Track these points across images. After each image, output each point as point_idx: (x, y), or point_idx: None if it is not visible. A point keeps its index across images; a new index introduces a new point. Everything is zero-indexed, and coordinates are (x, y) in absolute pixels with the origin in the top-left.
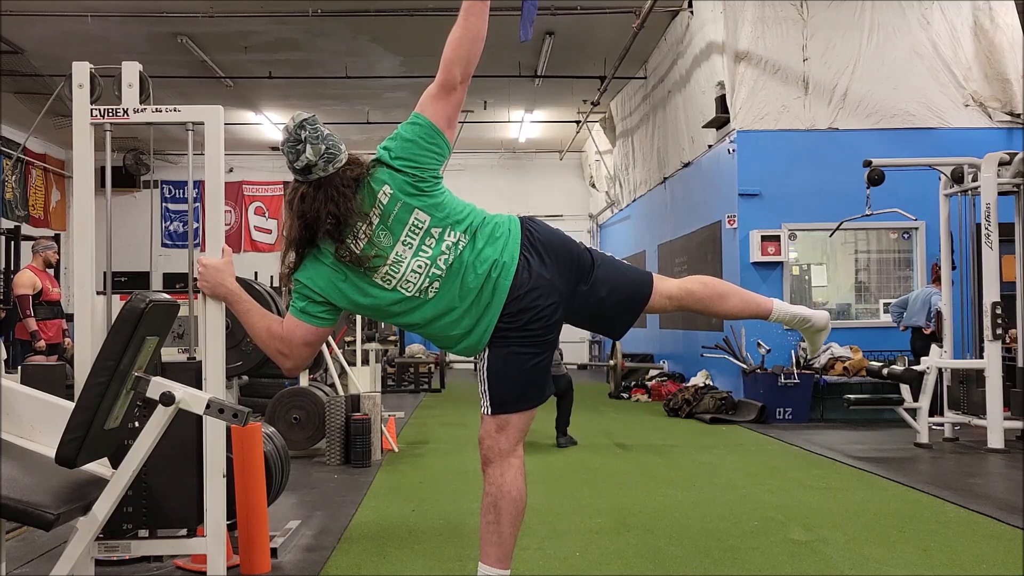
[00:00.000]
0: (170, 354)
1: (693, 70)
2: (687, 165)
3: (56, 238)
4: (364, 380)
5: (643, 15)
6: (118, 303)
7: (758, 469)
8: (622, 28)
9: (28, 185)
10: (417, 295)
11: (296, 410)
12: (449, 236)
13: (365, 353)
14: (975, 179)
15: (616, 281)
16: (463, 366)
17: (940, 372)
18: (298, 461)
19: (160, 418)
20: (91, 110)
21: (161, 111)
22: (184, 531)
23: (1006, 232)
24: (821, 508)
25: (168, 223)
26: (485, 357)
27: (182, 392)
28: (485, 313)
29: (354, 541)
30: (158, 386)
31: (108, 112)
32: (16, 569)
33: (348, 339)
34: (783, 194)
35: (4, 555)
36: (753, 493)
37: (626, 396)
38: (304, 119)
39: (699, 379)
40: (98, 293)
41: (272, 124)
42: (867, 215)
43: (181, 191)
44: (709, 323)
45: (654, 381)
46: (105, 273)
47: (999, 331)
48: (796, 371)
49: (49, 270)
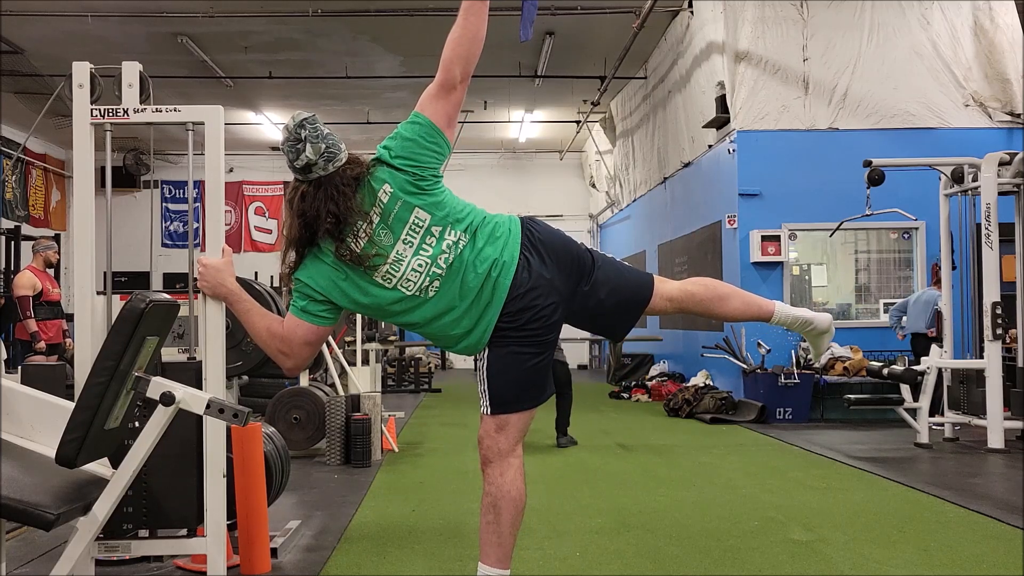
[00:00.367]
0: (170, 354)
1: (693, 70)
2: (687, 165)
3: (56, 238)
4: (364, 380)
5: (643, 15)
6: (118, 303)
7: (758, 469)
8: (622, 28)
9: (28, 185)
10: (417, 294)
11: (296, 410)
12: (449, 235)
13: (365, 353)
14: (975, 179)
15: (616, 282)
16: (463, 366)
17: (940, 372)
18: (298, 461)
19: (160, 418)
20: (91, 110)
21: (161, 111)
22: (184, 531)
23: (1006, 232)
24: (821, 508)
25: (168, 223)
26: (485, 357)
27: (182, 392)
28: (485, 312)
29: (354, 541)
30: (158, 386)
31: (108, 112)
32: (16, 569)
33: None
34: (783, 194)
35: (4, 555)
36: (753, 493)
37: (626, 396)
38: (304, 118)
39: (699, 379)
40: (98, 293)
41: (272, 124)
42: (867, 215)
43: (181, 191)
44: (709, 323)
45: (654, 381)
46: (105, 273)
47: (999, 331)
48: (796, 371)
49: (49, 270)
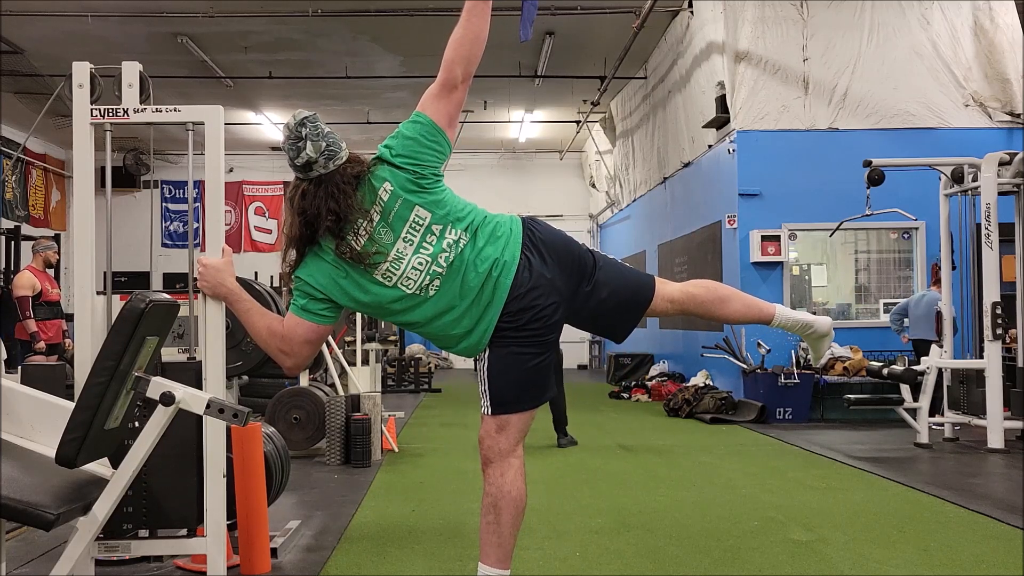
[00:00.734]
0: (170, 354)
1: (693, 70)
2: (687, 165)
3: (56, 238)
4: (364, 380)
5: (643, 15)
6: (118, 303)
7: (758, 469)
8: (622, 28)
9: (28, 185)
10: (418, 292)
11: (296, 410)
12: (450, 234)
13: (365, 353)
14: (975, 179)
15: (618, 283)
16: (463, 366)
17: (940, 372)
18: (298, 461)
19: (160, 418)
20: (91, 110)
21: (161, 111)
22: (184, 531)
23: (1006, 232)
24: (821, 508)
25: (168, 223)
26: (485, 357)
27: (182, 392)
28: (486, 312)
29: (354, 541)
30: (158, 386)
31: (108, 112)
32: (16, 569)
33: (348, 339)
34: (783, 194)
35: (4, 555)
36: (753, 493)
37: (626, 396)
38: (305, 117)
39: (699, 379)
40: (98, 293)
41: (272, 124)
42: (867, 215)
43: (181, 191)
44: (709, 323)
45: (654, 381)
46: (105, 273)
47: (999, 331)
48: (796, 371)
49: (49, 270)
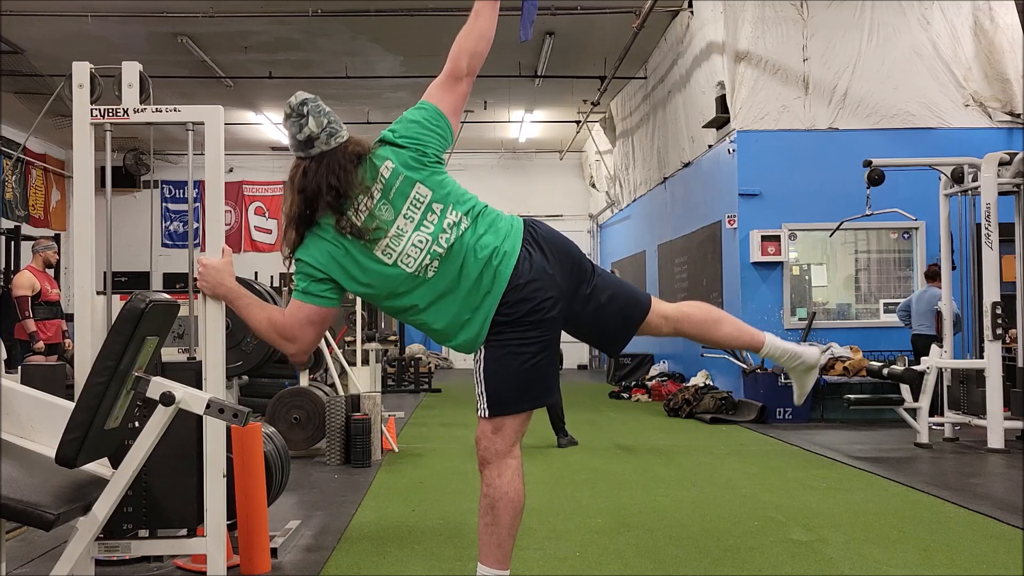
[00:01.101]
0: (170, 354)
1: (693, 70)
2: (687, 165)
3: (56, 238)
4: (364, 380)
5: (643, 15)
6: (118, 303)
7: (758, 469)
8: (622, 28)
9: (28, 185)
10: (417, 273)
11: (296, 410)
12: (451, 214)
13: (365, 353)
14: (975, 179)
15: (616, 290)
16: (463, 366)
17: (940, 372)
18: (298, 461)
19: (160, 418)
20: (91, 110)
21: (161, 111)
22: (184, 531)
23: (1006, 232)
24: (821, 508)
25: (168, 223)
26: (481, 357)
27: (182, 392)
28: (484, 302)
29: (354, 541)
30: (158, 386)
31: (108, 112)
32: (16, 569)
33: (348, 339)
34: (783, 194)
35: (4, 555)
36: (753, 493)
37: (626, 396)
38: (306, 97)
39: (699, 379)
40: (98, 293)
41: (272, 124)
42: (867, 215)
43: (181, 191)
44: None
45: (654, 381)
46: (105, 273)
47: (999, 331)
48: None
49: (49, 270)
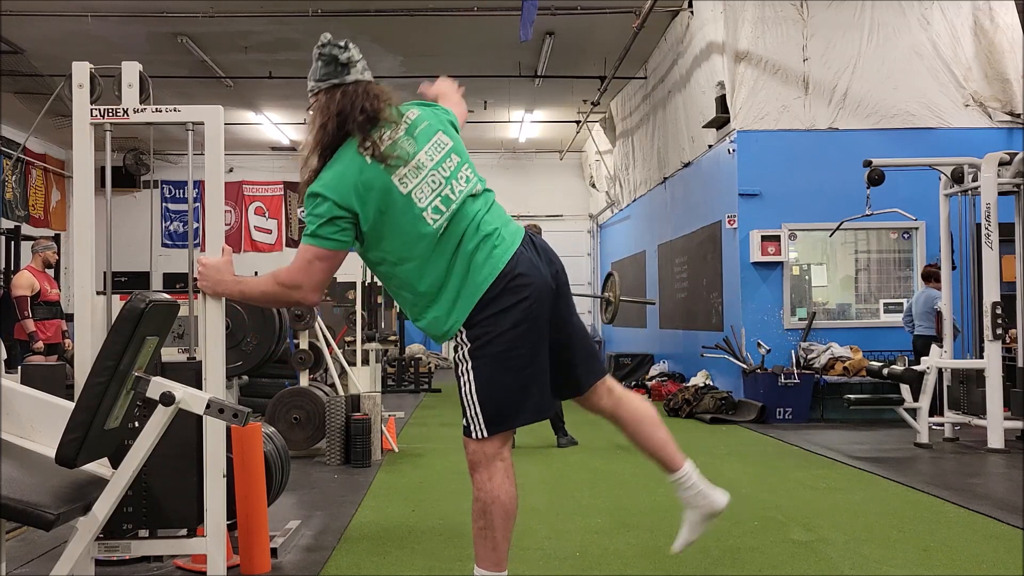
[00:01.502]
0: (170, 354)
1: (693, 70)
2: (687, 165)
3: (56, 238)
4: (364, 380)
5: (643, 15)
6: (118, 303)
7: (758, 469)
8: (622, 28)
9: (28, 185)
10: (424, 216)
11: (296, 410)
12: (466, 170)
13: (365, 353)
14: (975, 179)
15: (586, 334)
16: None
17: (940, 372)
18: (298, 461)
19: (160, 418)
20: (91, 110)
21: (161, 111)
22: (184, 531)
23: (1006, 232)
24: (821, 508)
25: (168, 223)
26: (468, 371)
27: (182, 392)
28: (471, 279)
29: (354, 541)
30: (158, 386)
31: (108, 112)
32: (16, 569)
33: (348, 339)
34: (783, 194)
35: (4, 555)
36: (753, 493)
37: None
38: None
39: (699, 379)
40: (98, 293)
41: (272, 124)
42: (867, 215)
43: (181, 191)
44: (709, 323)
45: (654, 381)
46: (105, 273)
47: (999, 331)
48: (796, 371)
49: (48, 271)
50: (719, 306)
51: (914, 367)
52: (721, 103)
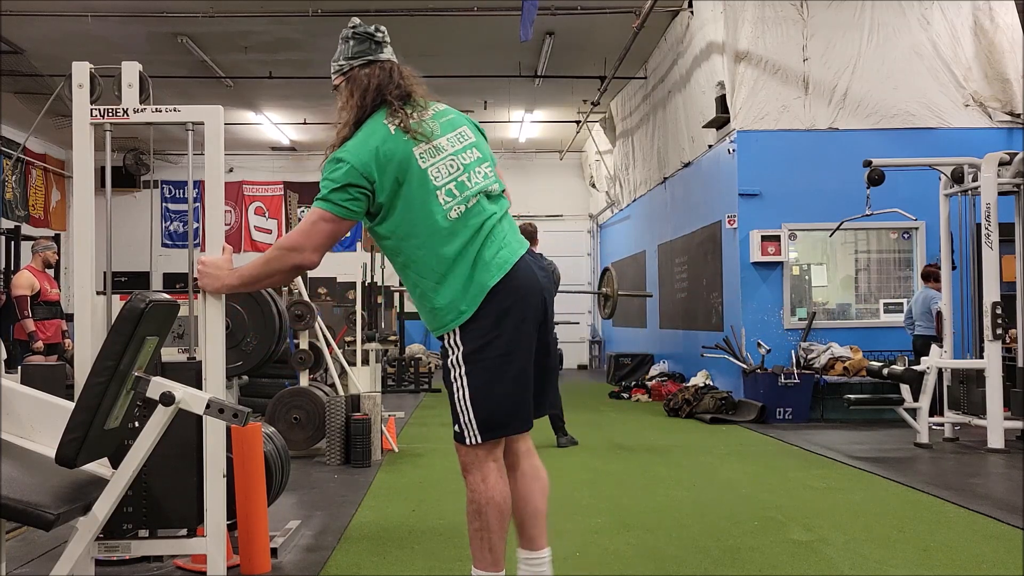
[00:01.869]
0: (170, 354)
1: (693, 70)
2: (687, 165)
3: (56, 238)
4: (364, 380)
5: (643, 15)
6: (118, 303)
7: (758, 469)
8: (622, 28)
9: (28, 185)
10: (436, 195)
11: (296, 410)
12: (485, 166)
13: (365, 353)
14: (975, 179)
15: (556, 355)
16: None
17: (940, 372)
18: (298, 461)
19: (160, 418)
20: (91, 110)
21: (161, 111)
22: (184, 531)
23: (1006, 232)
24: (821, 508)
25: (168, 223)
26: (462, 376)
27: (182, 392)
28: (476, 277)
29: (354, 541)
30: (158, 386)
31: (108, 112)
32: (16, 569)
33: (348, 339)
34: (783, 194)
35: (4, 555)
36: (753, 493)
37: (626, 396)
38: None
39: (699, 379)
40: (98, 293)
41: (272, 124)
42: (867, 215)
43: (181, 191)
44: (709, 323)
45: (654, 381)
46: (105, 273)
47: (999, 331)
48: (796, 371)
49: (48, 270)
50: (719, 306)
51: (914, 367)
52: (721, 103)
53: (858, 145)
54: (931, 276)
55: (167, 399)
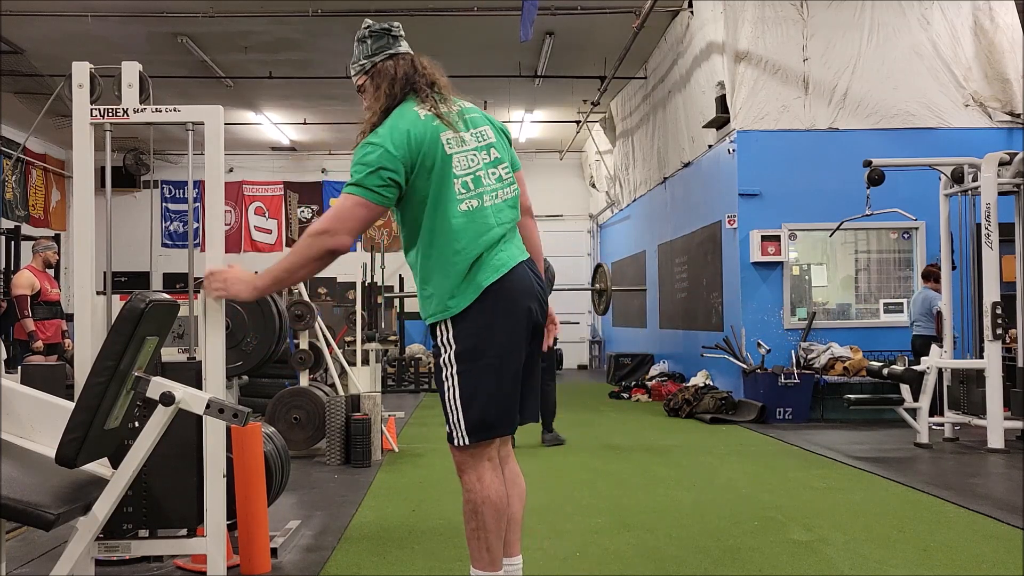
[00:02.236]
0: (170, 354)
1: (693, 70)
2: (687, 165)
3: (56, 238)
4: (364, 380)
5: (643, 15)
6: (118, 303)
7: (758, 469)
8: (622, 28)
9: (28, 185)
10: (454, 184)
11: (296, 410)
12: (502, 168)
13: (365, 353)
14: (975, 179)
15: (541, 368)
16: None
17: (940, 372)
18: (298, 461)
19: (160, 418)
20: (91, 110)
21: (161, 111)
22: (184, 531)
23: (1006, 232)
24: (821, 508)
25: (168, 223)
26: (453, 375)
27: (182, 392)
28: (476, 276)
29: (354, 541)
30: (158, 386)
31: (108, 112)
32: (16, 569)
33: (348, 339)
34: (783, 194)
35: (4, 555)
36: (753, 493)
37: (626, 396)
38: None
39: (699, 379)
40: (98, 293)
41: (272, 124)
42: (867, 215)
43: (181, 191)
44: (709, 323)
45: (654, 381)
46: (105, 273)
47: (999, 331)
48: (796, 371)
49: (48, 270)
50: (719, 306)
51: (914, 367)
52: (721, 103)
53: (858, 145)
54: (931, 276)
55: (167, 399)
